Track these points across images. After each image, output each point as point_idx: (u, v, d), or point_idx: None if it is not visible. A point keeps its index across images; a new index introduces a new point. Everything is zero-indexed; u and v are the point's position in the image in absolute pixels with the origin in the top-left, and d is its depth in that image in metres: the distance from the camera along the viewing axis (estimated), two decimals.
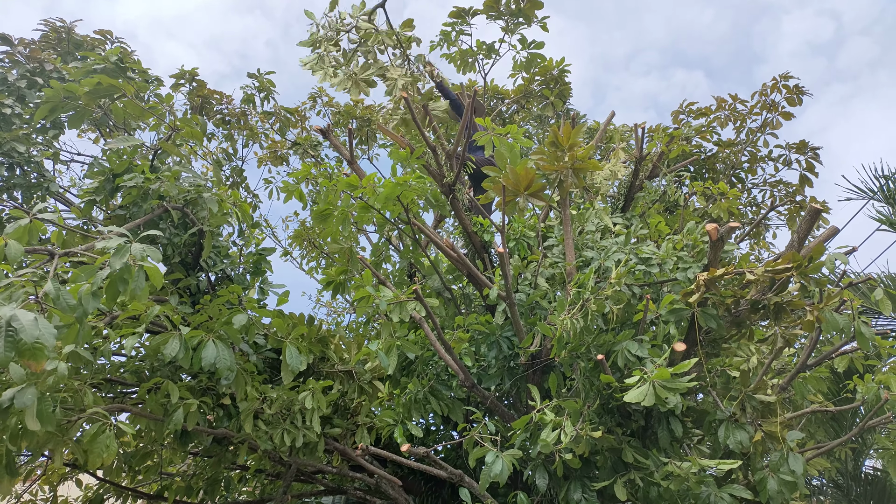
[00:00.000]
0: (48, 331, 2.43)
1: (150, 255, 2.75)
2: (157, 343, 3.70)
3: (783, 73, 8.07)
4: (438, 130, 6.34)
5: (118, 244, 2.68)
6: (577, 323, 4.00)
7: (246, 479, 6.39)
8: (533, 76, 8.77)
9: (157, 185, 4.41)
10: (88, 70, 4.61)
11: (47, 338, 2.42)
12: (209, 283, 5.07)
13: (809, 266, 3.55)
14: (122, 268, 2.63)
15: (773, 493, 3.75)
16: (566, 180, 4.41)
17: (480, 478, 3.93)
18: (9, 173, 5.49)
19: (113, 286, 2.65)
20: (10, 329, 2.36)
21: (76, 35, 7.15)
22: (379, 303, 4.46)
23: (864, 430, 4.62)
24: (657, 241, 5.45)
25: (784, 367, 5.21)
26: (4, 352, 2.32)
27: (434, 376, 5.11)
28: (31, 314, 2.42)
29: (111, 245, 2.67)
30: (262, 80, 8.85)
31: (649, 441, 4.29)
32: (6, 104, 5.68)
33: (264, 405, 4.35)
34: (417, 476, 5.88)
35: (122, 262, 2.65)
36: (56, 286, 2.57)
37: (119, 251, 2.66)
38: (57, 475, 6.20)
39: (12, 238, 2.75)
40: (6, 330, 2.35)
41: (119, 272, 2.63)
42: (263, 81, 8.86)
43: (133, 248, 2.72)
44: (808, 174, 8.31)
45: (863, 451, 7.42)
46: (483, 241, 6.20)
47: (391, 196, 4.91)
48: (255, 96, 8.92)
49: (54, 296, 2.55)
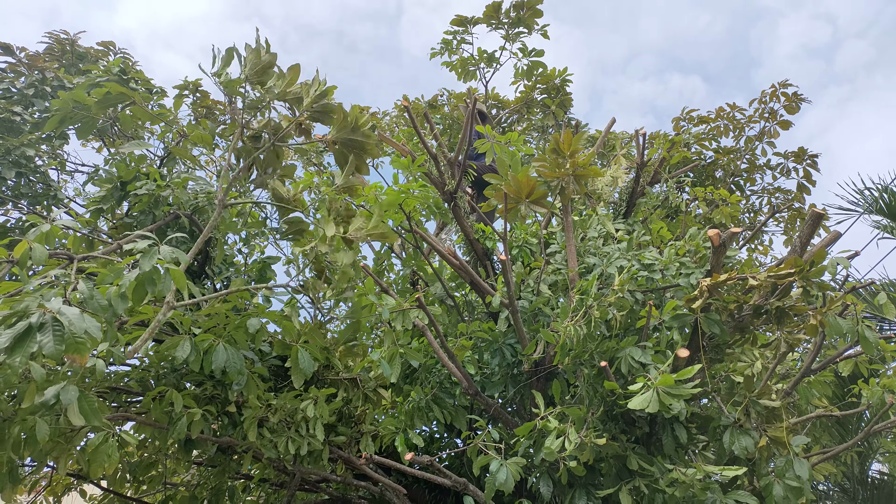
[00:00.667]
0: (93, 325, 2.48)
1: (178, 257, 2.78)
2: (167, 346, 3.71)
3: (782, 81, 8.11)
4: (440, 138, 6.37)
5: (146, 246, 2.71)
6: (581, 330, 4.00)
7: (250, 489, 6.37)
8: (534, 85, 8.81)
9: (168, 193, 4.44)
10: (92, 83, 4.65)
11: (94, 331, 2.46)
12: (215, 290, 5.09)
13: (812, 270, 3.56)
14: (150, 269, 2.67)
15: (779, 498, 3.73)
16: (568, 187, 4.43)
17: (485, 486, 3.93)
18: (15, 181, 5.54)
19: (141, 287, 2.69)
20: (57, 323, 2.40)
21: (79, 47, 7.20)
22: (382, 311, 4.47)
23: (869, 434, 4.61)
24: (659, 246, 5.46)
25: (788, 371, 5.20)
26: (54, 345, 2.36)
27: (437, 384, 5.11)
28: (76, 308, 2.46)
29: (140, 247, 2.70)
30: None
31: (654, 448, 4.28)
32: (15, 111, 5.73)
33: (268, 413, 4.35)
34: (422, 484, 5.87)
35: (151, 264, 2.68)
36: (89, 286, 2.61)
37: (148, 253, 2.70)
38: (61, 486, 6.20)
39: (36, 242, 2.78)
40: (53, 324, 2.39)
41: (148, 273, 2.66)
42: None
43: (162, 251, 2.76)
44: (805, 183, 8.35)
45: (869, 456, 7.38)
46: (485, 249, 6.21)
47: (393, 205, 4.94)
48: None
49: (87, 296, 2.59)
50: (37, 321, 2.39)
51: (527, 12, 7.72)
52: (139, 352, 3.63)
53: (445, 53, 8.29)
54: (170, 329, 4.41)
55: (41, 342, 2.36)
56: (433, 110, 9.77)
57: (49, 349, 2.35)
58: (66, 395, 2.86)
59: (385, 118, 10.03)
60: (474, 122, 6.02)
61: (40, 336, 2.37)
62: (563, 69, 8.61)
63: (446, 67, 8.39)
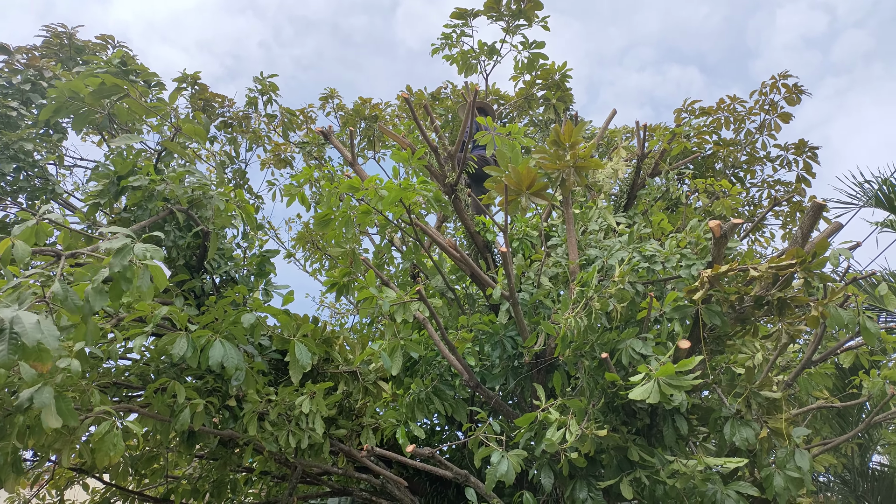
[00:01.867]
0: (51, 333, 2.44)
1: (152, 255, 2.77)
2: (164, 343, 3.71)
3: (782, 72, 8.08)
4: (440, 131, 6.35)
5: (121, 244, 2.70)
6: (581, 321, 4.00)
7: (252, 482, 6.39)
8: (534, 80, 8.77)
9: (163, 187, 4.42)
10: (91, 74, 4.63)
11: (49, 340, 2.42)
12: (213, 285, 5.08)
13: (813, 262, 3.55)
14: (124, 267, 2.65)
15: (780, 489, 3.74)
16: (568, 179, 4.41)
17: (486, 478, 3.94)
18: (14, 176, 5.53)
19: (117, 286, 2.67)
20: (14, 333, 2.37)
21: (77, 40, 7.18)
22: (382, 304, 4.47)
23: (870, 425, 4.62)
24: (660, 238, 5.45)
25: (789, 363, 5.21)
26: (8, 354, 2.33)
27: (437, 376, 5.11)
28: (34, 316, 2.43)
29: (115, 245, 2.69)
30: (264, 83, 8.88)
31: (655, 439, 4.28)
32: (11, 107, 5.72)
33: (268, 407, 4.36)
34: (423, 476, 5.88)
35: (123, 263, 2.67)
36: (63, 287, 2.59)
37: (121, 251, 2.69)
38: (64, 479, 6.22)
39: (20, 239, 2.77)
40: (10, 333, 2.37)
41: (121, 271, 2.65)
42: (266, 84, 8.89)
43: (136, 248, 2.74)
44: (805, 175, 8.34)
45: (869, 447, 7.39)
46: (486, 241, 6.21)
47: (394, 199, 4.92)
48: (259, 99, 8.95)
49: (62, 296, 2.57)
50: None
51: (527, 4, 7.69)
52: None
53: (446, 48, 8.26)
54: (168, 324, 4.41)
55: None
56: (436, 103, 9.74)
57: (2, 357, 2.32)
58: (40, 398, 2.85)
59: (387, 109, 10.01)
60: (474, 114, 6.00)
61: None
62: (563, 64, 8.56)
63: (447, 61, 8.36)
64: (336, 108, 10.01)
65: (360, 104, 9.81)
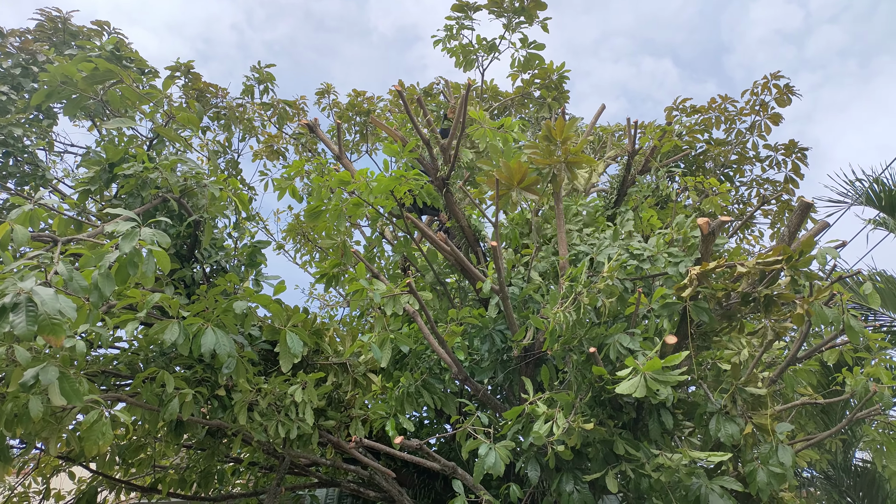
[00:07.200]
0: (68, 305, 2.44)
1: (158, 240, 2.76)
2: (156, 330, 3.70)
3: (774, 73, 8.13)
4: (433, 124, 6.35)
5: (128, 228, 2.69)
6: (570, 316, 4.03)
7: (239, 472, 6.40)
8: (531, 80, 8.76)
9: (156, 175, 4.40)
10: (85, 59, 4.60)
11: (68, 311, 2.42)
12: (204, 274, 5.07)
13: (800, 259, 3.59)
14: (131, 251, 2.64)
15: (763, 484, 3.79)
16: (559, 174, 4.43)
17: (474, 470, 3.96)
18: (3, 161, 5.48)
19: (123, 270, 2.66)
20: (31, 304, 2.36)
21: (72, 25, 7.11)
22: (373, 296, 4.48)
23: (853, 421, 4.68)
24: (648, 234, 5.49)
25: (774, 360, 5.26)
26: (27, 325, 2.33)
27: (427, 370, 5.13)
28: (50, 289, 2.42)
29: (121, 229, 2.68)
30: (262, 72, 8.84)
31: (641, 433, 4.32)
32: (2, 91, 5.66)
33: (258, 397, 4.36)
34: (410, 468, 5.91)
35: (131, 245, 2.66)
36: (68, 268, 2.58)
37: (128, 235, 2.67)
38: (50, 467, 6.20)
39: (17, 224, 2.75)
40: (27, 304, 2.36)
41: (129, 255, 2.64)
42: (263, 74, 8.86)
43: (143, 233, 2.73)
44: (793, 176, 8.42)
45: (852, 443, 7.49)
46: (476, 234, 6.22)
47: (384, 189, 4.93)
48: (255, 88, 8.92)
49: (67, 277, 2.56)
50: (10, 301, 2.35)
51: (530, 2, 7.69)
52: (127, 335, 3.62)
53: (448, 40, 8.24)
54: (159, 313, 4.39)
55: (13, 322, 2.33)
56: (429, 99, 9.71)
57: (21, 329, 2.32)
58: (46, 376, 2.84)
59: (380, 103, 9.98)
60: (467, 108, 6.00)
61: (13, 316, 2.34)
62: (561, 65, 8.54)
63: (448, 54, 8.34)
64: (331, 104, 9.99)
65: (354, 97, 9.78)
